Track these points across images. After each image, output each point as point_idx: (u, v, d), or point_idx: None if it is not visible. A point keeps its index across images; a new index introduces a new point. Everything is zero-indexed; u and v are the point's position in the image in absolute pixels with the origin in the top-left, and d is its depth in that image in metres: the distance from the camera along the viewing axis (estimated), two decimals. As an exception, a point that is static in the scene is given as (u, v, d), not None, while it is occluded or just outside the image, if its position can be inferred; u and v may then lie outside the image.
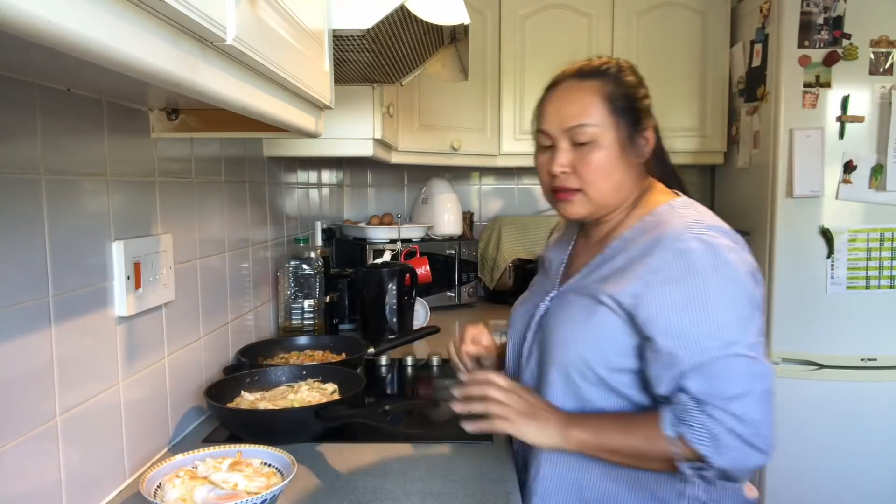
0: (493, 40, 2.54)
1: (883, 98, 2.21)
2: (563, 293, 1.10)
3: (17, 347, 0.81)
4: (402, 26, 1.07)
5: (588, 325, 1.01)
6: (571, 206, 1.07)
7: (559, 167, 1.05)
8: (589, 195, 1.05)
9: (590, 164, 1.03)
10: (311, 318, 1.84)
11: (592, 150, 1.03)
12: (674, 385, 0.94)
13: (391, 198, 2.95)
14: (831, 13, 2.21)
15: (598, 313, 1.01)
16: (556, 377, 1.04)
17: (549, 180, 1.09)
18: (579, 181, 1.05)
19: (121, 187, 1.06)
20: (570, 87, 1.07)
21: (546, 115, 1.08)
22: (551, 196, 1.10)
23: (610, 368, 1.00)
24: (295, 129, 0.93)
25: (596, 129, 1.03)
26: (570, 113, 1.05)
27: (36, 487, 0.85)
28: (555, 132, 1.06)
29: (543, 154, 1.09)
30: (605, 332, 1.00)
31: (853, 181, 2.24)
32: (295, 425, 1.19)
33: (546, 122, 1.08)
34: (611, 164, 1.04)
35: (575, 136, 1.04)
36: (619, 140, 1.04)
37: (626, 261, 1.01)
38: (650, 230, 1.02)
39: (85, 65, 0.52)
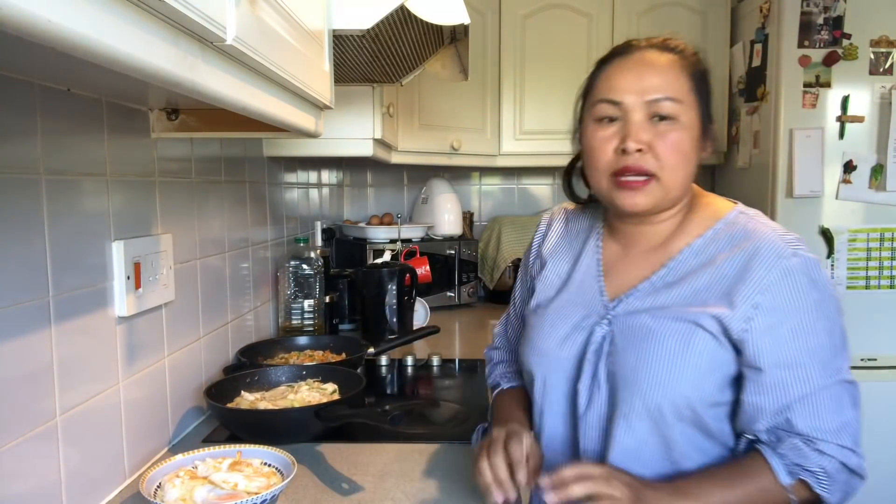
0: (493, 40, 2.54)
1: (883, 98, 2.21)
2: (632, 315, 0.92)
3: (17, 347, 0.81)
4: (402, 26, 1.07)
5: (687, 357, 0.86)
6: (639, 196, 0.90)
7: (636, 142, 0.88)
8: (663, 182, 0.90)
9: (672, 144, 0.89)
10: (311, 318, 1.84)
11: (674, 128, 0.89)
12: (778, 419, 0.85)
13: (391, 198, 2.95)
14: (831, 13, 2.21)
15: (697, 342, 0.87)
16: (641, 420, 0.89)
17: (612, 160, 0.91)
18: (657, 163, 0.89)
19: (121, 187, 1.06)
20: (649, 55, 0.92)
21: (617, 82, 0.92)
22: (611, 182, 0.92)
23: (708, 404, 0.88)
24: (295, 129, 0.93)
25: (681, 106, 0.90)
26: (654, 83, 0.90)
27: (36, 487, 0.85)
28: (631, 102, 0.90)
29: (605, 129, 0.92)
30: (705, 363, 0.87)
31: (853, 181, 2.24)
32: (295, 425, 1.19)
33: (617, 90, 0.91)
34: (691, 149, 0.91)
35: (656, 109, 0.89)
36: (698, 124, 0.93)
37: (716, 277, 0.88)
38: (739, 242, 0.89)
39: (85, 65, 0.52)
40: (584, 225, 1.08)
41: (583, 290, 1.00)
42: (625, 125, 0.90)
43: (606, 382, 0.92)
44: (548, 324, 1.00)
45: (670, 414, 0.87)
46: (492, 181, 3.01)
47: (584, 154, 0.97)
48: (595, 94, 0.95)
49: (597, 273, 1.01)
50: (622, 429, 0.90)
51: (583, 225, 1.08)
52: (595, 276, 1.00)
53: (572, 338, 0.97)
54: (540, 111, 2.58)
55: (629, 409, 0.89)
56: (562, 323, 0.99)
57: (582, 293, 1.00)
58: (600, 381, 0.93)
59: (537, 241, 1.13)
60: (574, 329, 0.97)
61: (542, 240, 1.12)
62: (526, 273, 1.15)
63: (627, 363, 0.90)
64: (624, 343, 0.91)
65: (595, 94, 0.95)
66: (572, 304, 1.00)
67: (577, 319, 0.97)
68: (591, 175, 0.96)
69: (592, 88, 0.96)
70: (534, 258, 1.13)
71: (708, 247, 0.92)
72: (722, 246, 0.91)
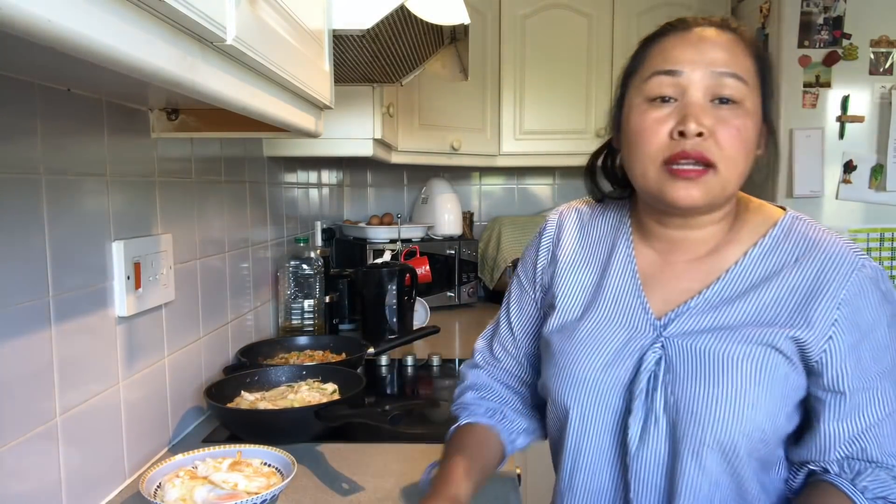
0: (493, 40, 2.54)
1: (883, 98, 2.21)
2: (691, 337, 0.80)
3: (17, 347, 0.81)
4: (402, 26, 1.07)
5: (763, 385, 0.76)
6: (695, 188, 0.77)
7: (697, 125, 0.75)
8: (721, 174, 0.77)
9: (735, 131, 0.76)
10: (311, 318, 1.84)
11: (738, 113, 0.77)
12: (853, 448, 0.78)
13: (391, 198, 2.95)
14: (831, 13, 2.21)
15: (773, 367, 0.77)
16: (713, 458, 0.78)
17: (665, 145, 0.78)
18: (718, 152, 0.76)
19: (121, 187, 1.06)
20: (709, 31, 0.80)
21: (677, 53, 0.79)
22: (662, 170, 0.78)
23: (780, 436, 0.80)
24: (295, 129, 0.93)
25: (746, 88, 0.78)
26: (719, 56, 0.77)
27: (36, 487, 0.85)
28: (692, 74, 0.77)
29: (658, 109, 0.79)
30: (780, 391, 0.77)
31: (853, 181, 2.24)
32: (295, 425, 1.19)
33: (677, 60, 0.78)
34: (753, 139, 0.79)
35: (720, 89, 0.77)
36: (760, 113, 0.81)
37: (783, 292, 0.79)
38: (804, 251, 0.80)
39: (85, 65, 0.52)
40: (605, 227, 0.93)
41: (620, 307, 0.86)
42: (683, 105, 0.77)
43: (665, 415, 0.79)
44: (584, 347, 0.85)
45: (744, 449, 0.77)
46: (492, 181, 3.01)
47: (627, 139, 0.83)
48: (646, 68, 0.81)
49: (635, 286, 0.87)
50: (692, 469, 0.78)
51: (604, 227, 0.94)
52: (634, 290, 0.87)
53: (618, 364, 0.83)
54: (540, 111, 2.58)
55: (699, 445, 0.77)
56: (602, 346, 0.84)
57: (620, 310, 0.86)
58: (657, 413, 0.79)
59: (547, 246, 0.97)
60: (618, 354, 0.83)
61: (553, 246, 0.96)
62: (532, 285, 0.98)
63: (694, 393, 0.77)
64: (687, 369, 0.79)
65: (646, 69, 0.81)
66: (610, 324, 0.86)
67: (621, 342, 0.84)
68: (635, 162, 0.81)
69: (641, 65, 0.83)
70: (543, 267, 0.96)
71: (768, 256, 0.82)
72: (784, 256, 0.81)
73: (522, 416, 1.00)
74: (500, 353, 1.02)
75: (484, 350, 1.05)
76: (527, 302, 1.00)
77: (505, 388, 1.02)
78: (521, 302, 1.00)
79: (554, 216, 0.99)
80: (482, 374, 1.03)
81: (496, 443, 0.95)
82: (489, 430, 0.95)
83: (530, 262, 0.99)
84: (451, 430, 0.97)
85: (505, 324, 1.02)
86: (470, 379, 1.03)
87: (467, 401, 1.00)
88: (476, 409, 0.98)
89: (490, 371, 1.03)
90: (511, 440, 0.97)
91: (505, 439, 0.96)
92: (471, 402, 0.99)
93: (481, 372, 1.03)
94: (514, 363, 1.01)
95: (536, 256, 0.98)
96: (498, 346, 1.02)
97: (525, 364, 1.01)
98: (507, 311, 1.02)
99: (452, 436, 0.95)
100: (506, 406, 0.99)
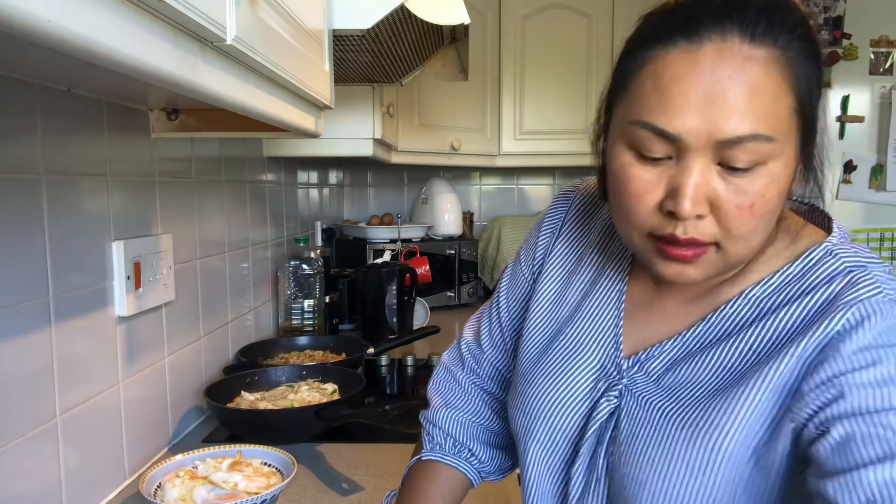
0: (493, 40, 2.54)
1: (883, 98, 2.22)
2: (649, 390, 0.64)
3: (17, 347, 0.81)
4: (402, 26, 1.07)
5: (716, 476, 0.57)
6: (690, 268, 0.60)
7: (693, 206, 0.56)
8: (727, 252, 0.58)
9: (749, 204, 0.56)
10: (311, 318, 1.84)
11: (758, 178, 0.55)
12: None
13: (391, 198, 2.95)
14: (831, 13, 2.21)
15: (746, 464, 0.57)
16: None
17: (651, 220, 0.59)
18: (719, 230, 0.57)
19: (121, 187, 1.06)
20: (730, 53, 0.53)
21: (675, 101, 0.55)
22: (648, 242, 0.60)
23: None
24: (295, 129, 0.93)
25: (773, 146, 0.55)
26: (736, 108, 0.53)
27: (36, 487, 0.85)
28: (694, 141, 0.55)
29: (644, 168, 0.58)
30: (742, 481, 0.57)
31: (853, 181, 2.24)
32: (295, 425, 1.19)
33: (674, 117, 0.55)
34: (777, 204, 0.58)
35: (734, 154, 0.54)
36: (795, 160, 0.58)
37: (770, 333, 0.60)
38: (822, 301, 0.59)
39: (85, 65, 0.52)
40: (605, 234, 0.76)
41: (594, 335, 0.72)
42: (678, 169, 0.56)
43: (606, 479, 0.66)
44: (546, 377, 0.72)
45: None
46: (492, 181, 3.01)
47: (610, 185, 0.64)
48: (635, 102, 0.58)
49: (616, 315, 0.71)
50: None
51: (604, 234, 0.76)
52: (613, 319, 0.71)
53: (571, 402, 0.70)
54: (540, 111, 2.58)
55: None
56: (565, 381, 0.71)
57: (592, 339, 0.71)
58: (599, 475, 0.66)
59: (551, 227, 0.81)
60: (574, 389, 0.70)
61: (557, 230, 0.80)
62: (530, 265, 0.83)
63: (638, 471, 0.62)
64: (632, 433, 0.63)
65: (635, 105, 0.58)
66: (579, 354, 0.71)
67: (583, 375, 0.70)
68: (618, 222, 0.64)
69: (631, 85, 0.59)
70: (544, 248, 0.81)
71: (769, 297, 0.62)
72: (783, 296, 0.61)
73: (494, 448, 0.87)
74: (486, 342, 0.88)
75: (470, 341, 0.91)
76: (521, 287, 0.84)
77: (483, 397, 0.89)
78: (515, 287, 0.85)
79: (569, 194, 0.82)
80: (462, 377, 0.90)
81: (461, 485, 0.84)
82: (454, 472, 0.84)
83: (532, 240, 0.84)
84: (413, 462, 0.86)
85: (496, 309, 0.88)
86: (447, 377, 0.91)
87: (436, 420, 0.87)
88: (440, 440, 0.86)
89: (471, 371, 0.90)
90: (480, 477, 0.86)
91: (472, 478, 0.85)
92: (439, 422, 0.87)
93: (461, 375, 0.90)
94: (501, 355, 0.87)
95: (539, 236, 0.83)
96: (485, 332, 0.89)
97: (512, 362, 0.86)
98: (498, 296, 0.88)
99: (413, 472, 0.84)
100: (477, 433, 0.87)
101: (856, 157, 2.22)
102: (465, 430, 0.86)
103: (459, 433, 0.86)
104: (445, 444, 0.86)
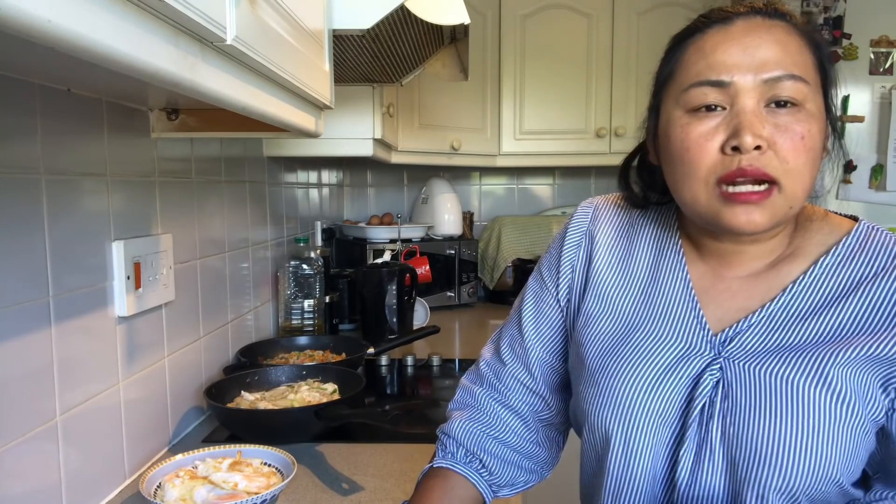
0: (493, 40, 2.54)
1: (883, 98, 2.22)
2: (755, 358, 0.69)
3: (17, 347, 0.81)
4: (402, 26, 1.07)
5: (843, 420, 0.65)
6: (757, 212, 0.66)
7: (753, 137, 0.64)
8: (786, 190, 0.65)
9: (798, 139, 0.65)
10: (311, 318, 1.84)
11: (800, 117, 0.65)
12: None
13: (391, 198, 2.95)
14: (831, 13, 2.21)
15: (854, 395, 0.65)
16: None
17: (717, 163, 0.66)
18: (780, 165, 0.65)
19: (121, 187, 1.06)
20: (755, 21, 0.68)
21: (720, 57, 0.67)
22: (715, 193, 0.67)
23: (855, 477, 0.69)
24: (295, 129, 0.93)
25: (807, 88, 0.66)
26: (772, 55, 0.65)
27: (36, 487, 0.85)
28: (743, 81, 0.65)
29: (702, 120, 0.67)
30: (865, 424, 0.66)
31: (853, 181, 2.24)
32: (295, 425, 1.19)
33: (722, 67, 0.66)
34: (819, 145, 0.67)
35: (776, 92, 0.65)
36: (825, 115, 0.69)
37: (867, 307, 0.68)
38: (888, 266, 0.69)
39: (85, 65, 0.52)
40: (649, 234, 0.81)
41: (672, 322, 0.75)
42: (734, 114, 0.66)
43: (723, 450, 0.68)
44: (630, 364, 0.74)
45: (819, 494, 0.66)
46: (492, 181, 3.01)
47: (669, 157, 0.71)
48: (685, 75, 0.69)
49: (689, 298, 0.75)
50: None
51: (648, 233, 0.82)
52: (688, 303, 0.75)
53: (670, 384, 0.71)
54: (540, 111, 2.58)
55: (764, 489, 0.65)
56: (651, 363, 0.73)
57: (671, 325, 0.75)
58: (713, 447, 0.68)
59: (577, 241, 0.84)
60: (670, 373, 0.72)
61: (588, 243, 0.84)
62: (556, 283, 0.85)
63: (759, 428, 0.66)
64: (749, 398, 0.67)
65: (685, 76, 0.69)
66: (661, 339, 0.74)
67: (673, 359, 0.72)
68: (681, 184, 0.70)
69: (678, 69, 0.70)
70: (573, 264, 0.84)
71: (841, 268, 0.70)
72: (862, 268, 0.70)
73: (507, 463, 0.87)
74: (508, 356, 0.89)
75: (489, 360, 0.92)
76: (547, 302, 0.87)
77: (499, 412, 0.88)
78: (540, 302, 0.87)
79: (587, 208, 0.86)
80: (479, 392, 0.90)
81: (470, 495, 0.84)
82: (463, 480, 0.84)
83: (555, 256, 0.86)
84: (426, 469, 0.87)
85: (516, 325, 0.90)
86: (464, 395, 0.92)
87: (449, 432, 0.88)
88: (452, 450, 0.87)
89: (490, 387, 0.90)
90: (492, 492, 0.87)
91: (483, 490, 0.85)
92: (453, 433, 0.87)
93: (478, 391, 0.90)
94: (522, 369, 0.88)
95: (562, 250, 0.85)
96: (506, 348, 0.90)
97: (536, 373, 0.88)
98: (520, 311, 0.89)
99: (425, 479, 0.85)
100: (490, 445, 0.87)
101: (856, 157, 2.22)
102: (477, 442, 0.87)
103: (472, 444, 0.87)
104: (457, 453, 0.87)
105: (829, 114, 0.70)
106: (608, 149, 2.56)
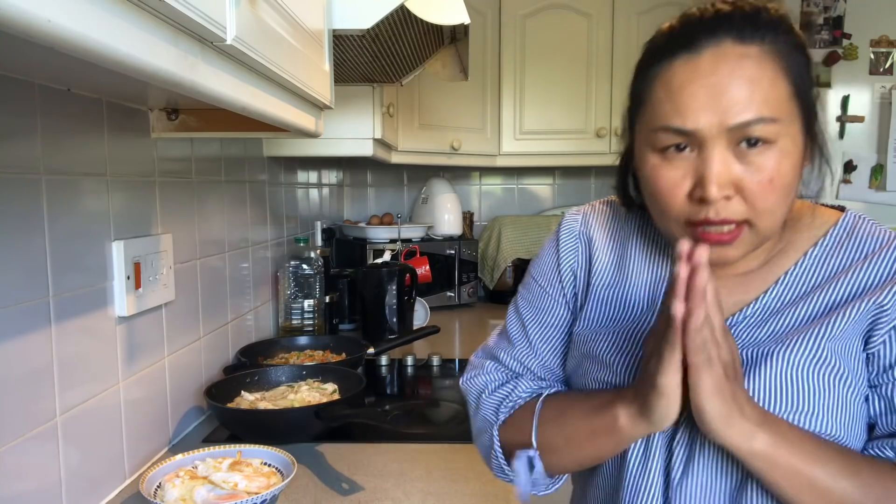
0: (493, 40, 2.54)
1: (883, 98, 2.22)
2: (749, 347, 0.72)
3: (17, 347, 0.81)
4: (402, 26, 1.07)
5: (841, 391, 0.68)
6: (729, 249, 0.67)
7: (719, 189, 0.64)
8: (758, 228, 0.67)
9: (768, 179, 0.65)
10: (311, 318, 1.84)
11: (771, 155, 0.64)
12: None
13: (391, 198, 2.95)
14: (831, 13, 2.21)
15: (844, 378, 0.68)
16: None
17: (685, 209, 0.67)
18: (748, 208, 0.66)
19: (121, 187, 1.06)
20: (727, 52, 0.64)
21: (685, 100, 0.65)
22: (688, 230, 0.68)
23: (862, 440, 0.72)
24: (295, 129, 0.93)
25: (778, 126, 0.64)
26: (739, 97, 0.63)
27: (36, 487, 0.85)
28: (708, 130, 0.64)
29: (671, 164, 0.68)
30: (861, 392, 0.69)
31: (853, 181, 2.24)
32: (295, 425, 1.19)
33: (686, 113, 0.64)
34: (793, 177, 0.67)
35: (747, 133, 0.64)
36: (802, 137, 0.68)
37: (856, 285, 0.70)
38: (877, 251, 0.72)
39: (85, 65, 0.52)
40: (641, 235, 0.83)
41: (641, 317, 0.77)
42: (701, 160, 0.65)
43: None
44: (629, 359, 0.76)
45: None
46: (492, 181, 3.01)
47: (642, 187, 0.73)
48: (652, 113, 0.68)
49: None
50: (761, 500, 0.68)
51: (640, 235, 0.83)
52: None
53: None
54: (540, 111, 2.58)
55: None
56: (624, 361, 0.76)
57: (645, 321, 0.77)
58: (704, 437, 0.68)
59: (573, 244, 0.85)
60: None
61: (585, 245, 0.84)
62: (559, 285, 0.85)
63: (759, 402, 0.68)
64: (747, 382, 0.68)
65: (652, 115, 0.68)
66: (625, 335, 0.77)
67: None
68: (656, 217, 0.72)
69: (646, 102, 0.69)
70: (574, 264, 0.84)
71: (831, 255, 0.73)
72: (851, 254, 0.72)
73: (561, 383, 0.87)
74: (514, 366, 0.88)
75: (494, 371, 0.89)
76: (550, 304, 0.86)
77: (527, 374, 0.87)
78: (541, 306, 0.86)
79: (576, 214, 0.86)
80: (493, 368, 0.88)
81: None
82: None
83: (552, 262, 0.86)
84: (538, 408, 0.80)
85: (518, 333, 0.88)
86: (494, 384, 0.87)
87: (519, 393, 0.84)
88: (520, 391, 0.84)
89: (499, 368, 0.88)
90: None
91: None
92: (522, 392, 0.84)
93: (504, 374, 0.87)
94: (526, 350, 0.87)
95: (560, 257, 0.85)
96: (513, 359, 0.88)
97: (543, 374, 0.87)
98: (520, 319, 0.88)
99: (542, 409, 0.79)
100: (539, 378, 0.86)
101: (856, 157, 2.22)
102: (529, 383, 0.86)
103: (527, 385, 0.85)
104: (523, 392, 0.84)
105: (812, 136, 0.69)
106: (608, 149, 2.56)
